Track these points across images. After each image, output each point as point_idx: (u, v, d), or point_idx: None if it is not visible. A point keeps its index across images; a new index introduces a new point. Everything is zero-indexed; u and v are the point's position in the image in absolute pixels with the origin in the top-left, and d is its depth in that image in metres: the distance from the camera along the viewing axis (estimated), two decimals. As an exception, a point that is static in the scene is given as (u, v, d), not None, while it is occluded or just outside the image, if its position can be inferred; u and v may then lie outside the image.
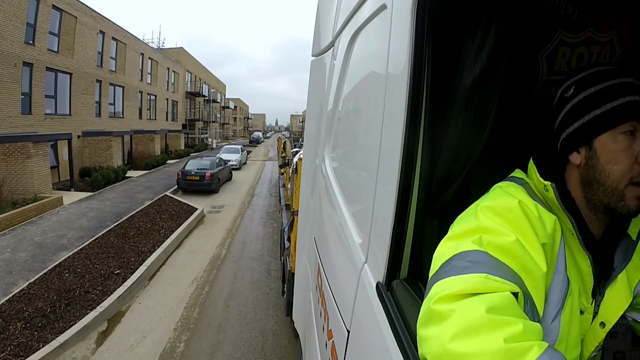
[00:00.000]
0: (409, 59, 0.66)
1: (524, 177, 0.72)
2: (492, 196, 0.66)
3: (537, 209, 0.62)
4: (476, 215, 0.61)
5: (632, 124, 0.62)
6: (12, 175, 9.76)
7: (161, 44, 28.62)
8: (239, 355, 4.04)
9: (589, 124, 0.66)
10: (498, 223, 0.58)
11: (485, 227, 0.58)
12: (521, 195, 0.64)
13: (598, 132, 0.64)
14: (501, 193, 0.66)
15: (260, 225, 9.09)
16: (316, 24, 1.93)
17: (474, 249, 0.54)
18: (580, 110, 0.67)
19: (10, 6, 10.08)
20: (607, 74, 0.66)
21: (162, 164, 18.77)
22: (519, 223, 0.59)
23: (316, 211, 1.66)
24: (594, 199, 0.67)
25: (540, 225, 0.61)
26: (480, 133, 0.77)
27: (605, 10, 0.74)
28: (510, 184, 0.69)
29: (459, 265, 0.52)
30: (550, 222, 0.62)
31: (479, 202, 0.65)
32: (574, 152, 0.68)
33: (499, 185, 0.69)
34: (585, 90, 0.67)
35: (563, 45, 0.84)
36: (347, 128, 1.23)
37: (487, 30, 0.72)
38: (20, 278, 5.46)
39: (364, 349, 0.78)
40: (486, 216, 0.60)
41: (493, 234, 0.57)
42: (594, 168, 0.65)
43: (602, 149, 0.64)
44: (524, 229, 0.59)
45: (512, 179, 0.71)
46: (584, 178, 0.68)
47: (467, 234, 0.59)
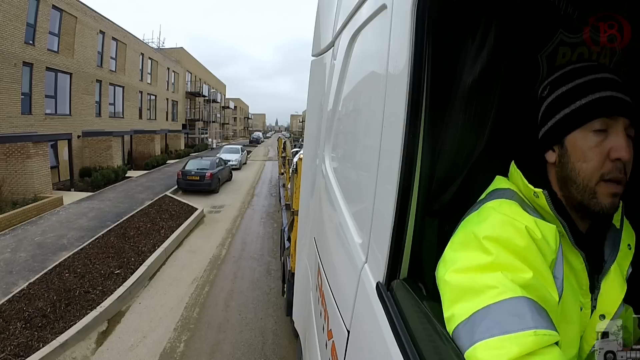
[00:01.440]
0: (409, 59, 0.66)
1: (509, 186, 0.70)
2: (490, 222, 0.61)
3: (539, 227, 0.60)
4: (484, 248, 0.57)
5: (600, 120, 0.62)
6: (12, 175, 9.76)
7: (161, 44, 28.65)
8: (239, 355, 4.04)
9: (560, 123, 0.66)
10: (512, 258, 0.55)
11: (500, 264, 0.55)
12: (521, 216, 0.61)
13: (568, 130, 0.65)
14: (499, 218, 0.61)
15: (260, 225, 9.09)
16: (316, 24, 1.93)
17: (509, 297, 0.51)
18: (553, 109, 0.68)
19: (10, 6, 10.09)
20: (582, 71, 0.66)
21: (162, 164, 18.78)
22: (530, 254, 0.56)
23: (316, 211, 1.66)
24: (570, 197, 0.67)
25: (546, 245, 0.59)
26: (480, 133, 0.77)
27: (605, 10, 0.74)
28: (502, 203, 0.65)
29: (501, 320, 0.49)
30: (552, 236, 0.61)
31: (475, 229, 0.60)
32: (549, 150, 0.69)
33: (491, 206, 0.65)
34: (558, 88, 0.68)
35: (563, 45, 0.84)
36: (347, 128, 1.23)
37: (487, 30, 0.72)
38: (20, 278, 5.46)
39: (364, 349, 0.78)
40: (497, 250, 0.56)
41: (513, 271, 0.54)
42: (566, 166, 0.66)
43: (572, 147, 0.65)
44: (536, 259, 0.57)
45: (501, 194, 0.68)
46: (559, 177, 0.68)
47: (482, 269, 0.55)
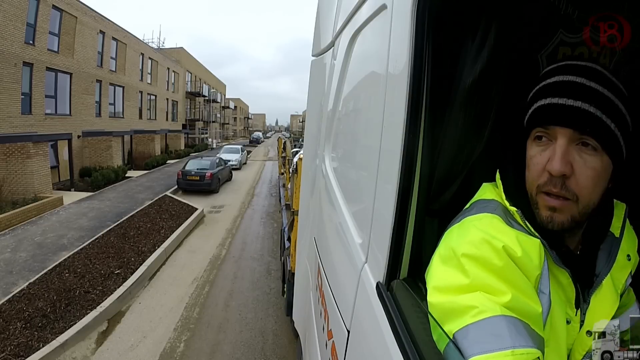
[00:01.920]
0: (409, 59, 0.66)
1: (494, 196, 0.67)
2: (469, 238, 0.59)
3: (520, 243, 0.58)
4: (462, 268, 0.57)
5: (539, 130, 0.61)
6: (12, 175, 9.76)
7: (161, 44, 28.67)
8: (239, 355, 4.04)
9: (522, 130, 0.66)
10: (490, 277, 0.55)
11: (479, 284, 0.55)
12: (501, 232, 0.59)
13: (524, 139, 0.65)
14: (478, 236, 0.59)
15: (260, 225, 9.09)
16: (316, 24, 1.93)
17: (488, 317, 0.51)
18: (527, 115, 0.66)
19: (10, 6, 10.09)
20: (554, 72, 0.63)
21: (162, 164, 18.78)
22: (508, 273, 0.55)
23: (316, 211, 1.66)
24: None
25: (528, 262, 0.57)
26: (480, 133, 0.77)
27: (605, 11, 0.74)
28: (484, 217, 0.63)
29: (480, 339, 0.50)
30: (535, 251, 0.58)
31: (454, 245, 0.60)
32: None
33: (471, 219, 0.63)
34: (532, 93, 0.66)
35: (563, 45, 0.84)
36: (347, 128, 1.23)
37: (487, 30, 0.72)
38: (20, 278, 5.46)
39: (364, 349, 0.78)
40: (474, 269, 0.56)
41: (491, 292, 0.54)
42: None
43: (527, 154, 0.65)
44: (515, 278, 0.55)
45: (484, 206, 0.66)
46: None
47: (461, 290, 0.55)
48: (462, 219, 0.65)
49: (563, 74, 0.61)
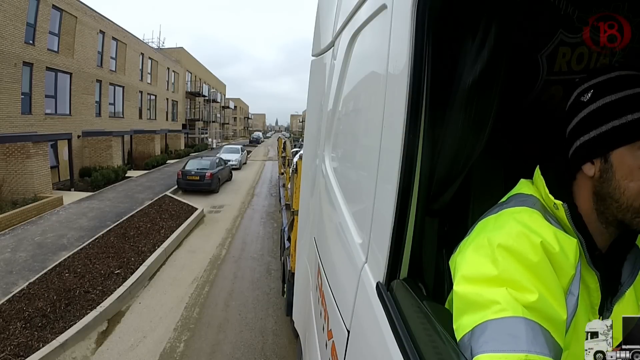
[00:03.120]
0: (409, 59, 0.66)
1: (532, 192, 0.67)
2: (507, 230, 0.59)
3: (558, 240, 0.57)
4: (494, 258, 0.56)
5: None
6: (12, 175, 9.76)
7: (161, 44, 28.64)
8: (239, 355, 4.04)
9: (606, 135, 0.60)
10: (520, 273, 0.54)
11: (507, 279, 0.54)
12: (539, 227, 0.59)
13: (616, 145, 0.60)
14: (516, 228, 0.58)
15: (260, 225, 9.08)
16: (316, 24, 1.93)
17: (509, 316, 0.51)
18: (598, 119, 0.61)
19: (10, 6, 10.08)
20: (630, 81, 0.61)
21: (162, 164, 18.77)
22: (541, 270, 0.55)
23: (316, 211, 1.66)
24: (606, 212, 0.63)
25: (564, 259, 0.57)
26: (480, 133, 0.77)
27: (605, 11, 0.74)
28: (523, 210, 0.62)
29: (497, 338, 0.50)
30: (572, 250, 0.58)
31: (490, 235, 0.59)
32: (587, 162, 0.64)
33: (511, 211, 0.63)
34: (604, 96, 0.61)
35: (563, 45, 0.84)
36: (347, 128, 1.23)
37: (487, 30, 0.72)
38: (20, 278, 5.46)
39: (364, 349, 0.78)
40: (506, 261, 0.55)
41: (518, 289, 0.53)
42: (609, 182, 0.61)
43: (619, 163, 0.60)
44: (547, 276, 0.55)
45: (523, 200, 0.65)
46: (597, 191, 0.63)
47: (489, 282, 0.55)
48: (500, 210, 0.64)
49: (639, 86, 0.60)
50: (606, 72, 0.63)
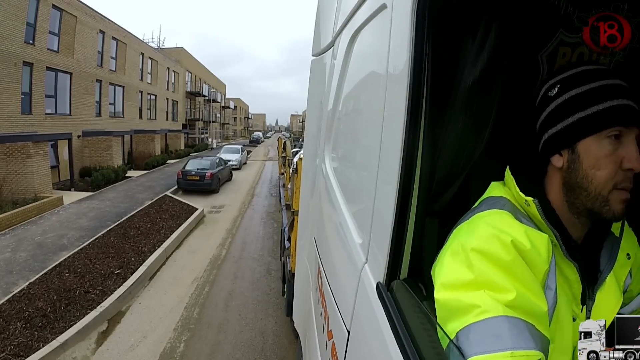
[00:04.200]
0: (409, 59, 0.66)
1: (503, 194, 0.69)
2: (478, 234, 0.60)
3: (529, 237, 0.58)
4: (469, 263, 0.57)
5: (617, 129, 0.60)
6: (12, 175, 9.76)
7: (161, 44, 28.64)
8: (239, 356, 4.04)
9: (572, 126, 0.63)
10: (496, 273, 0.55)
11: (484, 281, 0.55)
12: (509, 227, 0.60)
13: (582, 136, 0.62)
14: (486, 231, 0.60)
15: (260, 225, 9.09)
16: (316, 24, 1.93)
17: (490, 317, 0.51)
18: (564, 111, 0.64)
19: (10, 6, 10.09)
20: (595, 74, 0.64)
21: (162, 163, 18.78)
22: (515, 268, 0.56)
23: (316, 211, 1.66)
24: (576, 203, 0.65)
25: (537, 256, 0.58)
26: (481, 133, 0.76)
27: (605, 11, 0.74)
28: (493, 213, 0.64)
29: (481, 340, 0.50)
30: (544, 246, 0.59)
31: (464, 240, 0.60)
32: (555, 154, 0.66)
33: (481, 215, 0.64)
34: (570, 90, 0.65)
35: (563, 45, 0.84)
36: (347, 128, 1.23)
37: (487, 30, 0.72)
38: (20, 278, 5.47)
39: (364, 350, 0.78)
40: (481, 264, 0.56)
41: (495, 290, 0.54)
42: (577, 172, 0.63)
43: (586, 153, 0.62)
44: (522, 273, 0.56)
45: (492, 203, 0.67)
46: (566, 182, 0.65)
47: (466, 287, 0.55)
48: (472, 216, 0.66)
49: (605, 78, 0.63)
50: (573, 67, 0.67)
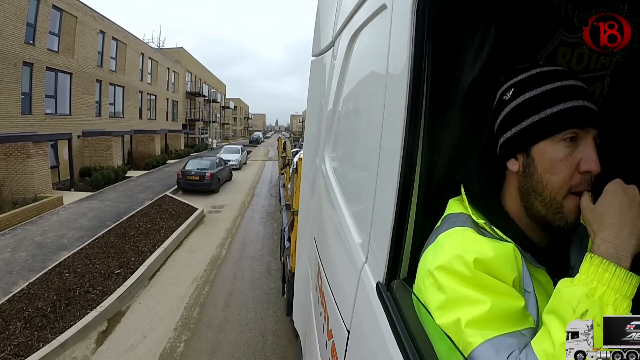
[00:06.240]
0: (409, 59, 0.66)
1: (462, 210, 0.68)
2: (443, 255, 0.60)
3: (494, 249, 0.58)
4: (438, 284, 0.57)
5: (572, 131, 0.59)
6: (12, 175, 9.76)
7: (161, 44, 28.64)
8: (239, 355, 4.04)
9: (526, 131, 0.62)
10: (466, 289, 0.55)
11: (456, 298, 0.55)
12: (473, 244, 0.59)
13: (536, 140, 0.61)
14: (452, 251, 0.59)
15: (260, 225, 9.09)
16: (316, 24, 1.93)
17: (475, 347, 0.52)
18: (518, 115, 0.63)
19: (10, 6, 10.08)
20: (549, 76, 0.63)
21: (162, 164, 18.77)
22: (483, 280, 0.55)
23: (316, 211, 1.66)
24: (532, 208, 0.64)
25: (504, 266, 0.57)
26: (480, 133, 0.77)
27: (605, 11, 0.74)
28: (454, 232, 0.63)
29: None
30: (510, 256, 0.59)
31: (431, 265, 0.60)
32: (511, 158, 0.65)
33: (446, 236, 0.63)
34: (523, 93, 0.63)
35: (563, 45, 0.84)
36: (347, 128, 1.23)
37: (487, 30, 0.72)
38: (20, 278, 5.46)
39: (364, 349, 0.78)
40: (449, 282, 0.56)
41: (470, 304, 0.54)
42: (532, 177, 0.62)
43: (540, 157, 0.61)
44: (490, 283, 0.56)
45: (453, 221, 0.66)
46: (522, 186, 0.65)
47: (442, 309, 0.56)
48: (436, 238, 0.65)
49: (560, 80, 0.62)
50: (527, 70, 0.65)
